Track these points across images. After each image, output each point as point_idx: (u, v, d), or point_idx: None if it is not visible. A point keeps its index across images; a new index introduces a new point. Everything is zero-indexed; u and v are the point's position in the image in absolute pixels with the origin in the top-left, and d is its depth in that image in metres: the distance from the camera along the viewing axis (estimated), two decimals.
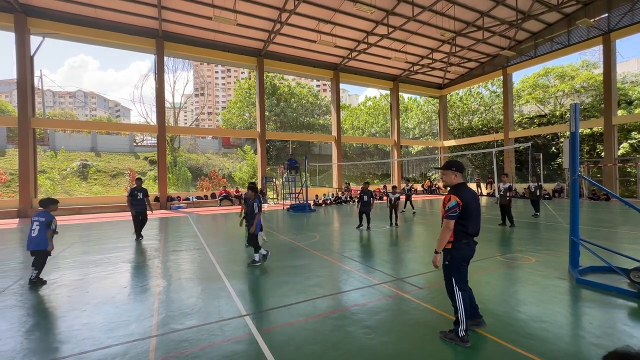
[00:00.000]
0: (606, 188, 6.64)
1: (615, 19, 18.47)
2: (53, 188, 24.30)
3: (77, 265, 6.25)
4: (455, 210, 2.95)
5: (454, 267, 3.06)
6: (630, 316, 3.54)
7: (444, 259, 3.11)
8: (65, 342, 3.17)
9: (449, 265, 3.08)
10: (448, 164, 3.20)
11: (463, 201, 2.97)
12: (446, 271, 3.12)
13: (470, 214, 3.03)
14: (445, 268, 3.12)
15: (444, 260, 3.11)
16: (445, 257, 3.10)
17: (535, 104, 30.07)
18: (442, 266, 3.13)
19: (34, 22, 15.86)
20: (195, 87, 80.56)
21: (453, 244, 3.05)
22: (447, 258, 3.08)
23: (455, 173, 3.16)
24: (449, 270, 3.10)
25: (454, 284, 3.06)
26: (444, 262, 3.11)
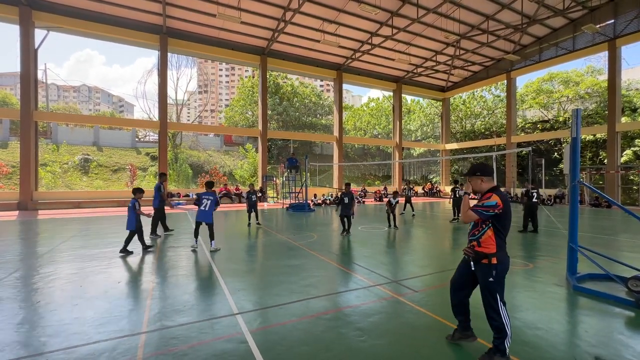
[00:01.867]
0: (607, 195, 6.58)
1: (621, 25, 18.37)
2: (54, 181, 24.38)
3: (73, 259, 6.24)
4: (490, 210, 2.64)
5: (500, 281, 2.70)
6: (627, 325, 3.49)
7: (487, 276, 2.69)
8: (54, 335, 3.14)
9: (494, 281, 2.67)
10: (472, 169, 2.88)
11: (504, 204, 2.66)
12: (490, 288, 2.70)
13: (508, 219, 2.74)
14: (489, 285, 2.70)
15: (486, 277, 2.70)
16: (488, 273, 2.69)
17: (538, 109, 29.96)
18: (484, 284, 2.73)
19: (39, 15, 15.91)
20: (198, 84, 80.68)
21: (498, 257, 2.67)
22: (492, 274, 2.67)
23: (481, 178, 2.82)
24: (494, 287, 2.69)
25: (499, 300, 2.69)
26: (488, 279, 2.69)
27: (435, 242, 8.31)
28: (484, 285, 2.73)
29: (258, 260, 6.37)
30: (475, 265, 2.78)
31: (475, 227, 2.80)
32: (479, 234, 2.75)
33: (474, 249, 2.79)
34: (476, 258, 2.77)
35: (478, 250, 2.76)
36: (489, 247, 2.70)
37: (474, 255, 2.79)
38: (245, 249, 7.32)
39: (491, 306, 2.72)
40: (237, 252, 6.96)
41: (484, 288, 2.74)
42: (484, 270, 2.71)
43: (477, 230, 2.77)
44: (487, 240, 2.72)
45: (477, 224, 2.78)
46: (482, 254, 2.73)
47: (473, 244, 2.80)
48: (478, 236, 2.76)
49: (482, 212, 2.67)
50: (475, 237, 2.78)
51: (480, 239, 2.75)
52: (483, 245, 2.73)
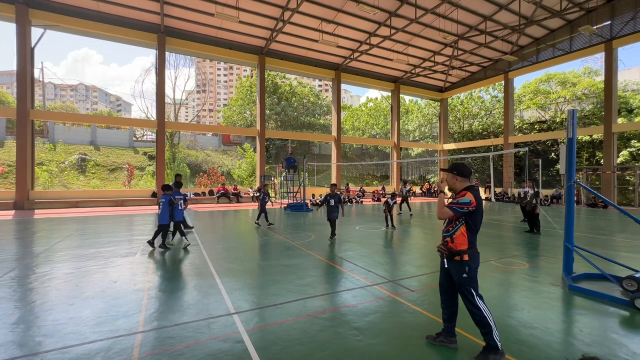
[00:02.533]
0: (603, 196, 6.60)
1: (617, 26, 18.48)
2: (51, 181, 24.25)
3: (69, 258, 6.21)
4: (464, 207, 2.74)
5: (474, 276, 2.80)
6: (621, 325, 3.51)
7: (461, 272, 2.79)
8: (49, 335, 3.13)
9: (467, 277, 2.78)
10: (450, 167, 2.98)
11: (477, 202, 2.76)
12: (466, 283, 2.80)
13: (480, 217, 2.85)
14: (463, 282, 2.80)
15: (460, 273, 2.80)
16: (461, 270, 2.79)
17: (536, 109, 30.09)
18: (459, 281, 2.82)
19: (35, 13, 15.82)
20: (196, 84, 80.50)
21: (470, 254, 2.79)
22: (465, 270, 2.77)
23: (457, 177, 2.91)
24: (468, 282, 2.79)
25: (475, 294, 2.79)
26: (462, 276, 2.79)
27: (432, 242, 8.33)
28: (459, 282, 2.83)
29: (255, 259, 6.37)
30: (449, 263, 2.86)
31: (450, 223, 2.89)
32: (452, 230, 2.84)
33: (447, 245, 2.87)
34: (449, 255, 2.85)
35: (451, 247, 2.84)
36: (461, 244, 2.79)
37: (447, 253, 2.87)
38: (242, 249, 7.31)
39: (469, 301, 2.80)
40: (234, 251, 6.95)
41: (459, 285, 2.84)
42: (457, 267, 2.80)
43: (451, 227, 2.86)
44: (459, 237, 2.81)
45: (451, 220, 2.87)
46: (454, 252, 2.81)
47: (446, 239, 2.89)
48: (452, 232, 2.85)
49: (457, 209, 2.76)
50: (449, 234, 2.87)
51: (453, 235, 2.84)
52: (456, 241, 2.81)
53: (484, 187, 26.24)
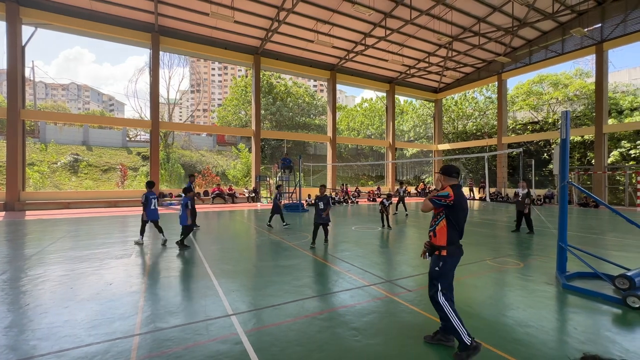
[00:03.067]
0: (595, 195, 6.72)
1: (608, 29, 18.81)
2: (42, 181, 23.88)
3: (62, 260, 6.12)
4: (442, 200, 2.86)
5: (445, 273, 2.89)
6: (614, 322, 3.58)
7: (435, 265, 2.91)
8: (44, 339, 3.09)
9: (439, 271, 2.89)
10: (441, 169, 3.15)
11: (455, 196, 2.86)
12: (434, 276, 2.92)
13: (460, 212, 2.92)
14: (433, 274, 2.93)
15: (434, 266, 2.92)
16: (435, 263, 2.92)
17: (528, 110, 30.46)
18: (430, 273, 2.95)
19: (26, 11, 15.57)
20: (191, 84, 79.93)
21: (448, 250, 2.87)
22: (439, 264, 2.89)
23: (443, 177, 3.07)
24: (437, 276, 2.90)
25: (439, 289, 2.88)
26: (434, 268, 2.92)
27: None
28: (430, 274, 2.96)
29: (251, 260, 6.35)
30: (430, 257, 3.03)
31: (433, 217, 3.04)
32: (434, 225, 2.98)
33: (430, 240, 3.03)
34: (431, 250, 3.00)
35: (433, 241, 2.98)
36: (441, 239, 2.91)
37: (429, 248, 3.02)
38: (239, 250, 7.28)
39: (432, 295, 2.93)
40: (230, 252, 6.92)
41: (430, 277, 2.97)
42: (434, 260, 2.95)
43: (434, 221, 3.00)
44: (440, 232, 2.93)
45: (435, 214, 3.01)
46: (435, 246, 2.95)
47: (430, 234, 3.02)
48: (434, 227, 2.98)
49: (435, 201, 2.90)
50: (432, 228, 3.01)
51: (435, 229, 2.96)
52: (437, 236, 2.93)
53: (478, 187, 26.48)
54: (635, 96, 24.83)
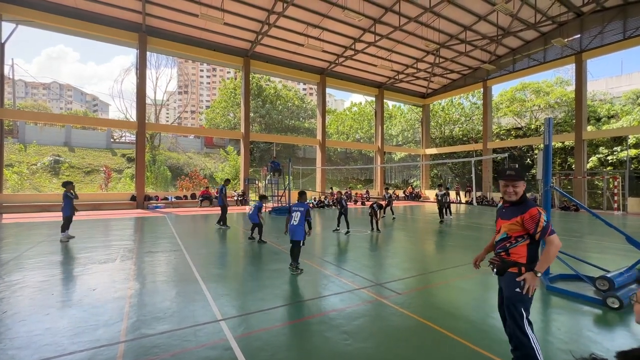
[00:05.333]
0: (576, 199, 6.96)
1: (587, 40, 19.61)
2: (21, 183, 23.01)
3: (42, 265, 5.90)
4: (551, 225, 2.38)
5: (528, 296, 2.36)
6: (595, 323, 3.70)
7: (513, 285, 2.36)
8: (24, 348, 2.96)
9: (521, 293, 2.33)
10: (520, 173, 2.49)
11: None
12: (516, 301, 2.36)
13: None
14: (513, 297, 2.37)
15: (512, 286, 2.36)
16: (514, 283, 2.36)
17: (512, 116, 31.35)
18: (508, 295, 2.40)
19: (7, 7, 15.07)
20: (179, 85, 78.81)
21: (528, 268, 2.38)
22: (519, 284, 2.34)
23: (521, 182, 2.48)
24: (519, 299, 2.35)
25: (524, 318, 2.35)
26: (512, 290, 2.36)
27: (417, 245, 8.49)
28: (507, 299, 2.43)
29: (241, 264, 6.27)
30: (501, 276, 2.50)
31: (507, 239, 2.49)
32: (508, 246, 2.48)
33: (501, 256, 2.52)
34: (502, 267, 2.47)
35: (506, 258, 2.47)
36: (520, 257, 2.42)
37: (499, 264, 2.50)
38: (227, 254, 7.19)
39: (516, 324, 2.37)
40: (219, 256, 6.82)
41: (507, 303, 2.43)
42: (510, 281, 2.40)
43: (507, 242, 2.49)
44: (519, 250, 2.44)
45: (510, 236, 2.46)
46: (510, 263, 2.44)
47: (501, 254, 2.52)
48: (508, 247, 2.48)
49: (554, 230, 2.39)
50: (502, 250, 2.51)
51: (509, 250, 2.47)
52: (514, 254, 2.44)
53: (464, 191, 26.99)
54: (612, 104, 25.93)
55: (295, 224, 5.57)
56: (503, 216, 2.55)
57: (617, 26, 18.41)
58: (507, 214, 2.51)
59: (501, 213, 2.60)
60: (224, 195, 10.94)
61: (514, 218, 2.42)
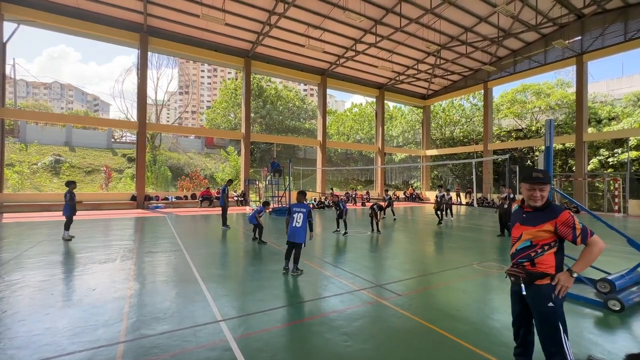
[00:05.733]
0: (576, 201, 6.93)
1: (587, 42, 19.61)
2: (21, 183, 23.03)
3: (42, 265, 5.90)
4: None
5: (560, 307, 2.17)
6: (596, 325, 3.69)
7: (545, 300, 2.16)
8: (23, 347, 2.96)
9: (555, 307, 2.14)
10: (548, 176, 2.30)
11: None
12: (551, 315, 2.15)
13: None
14: (548, 312, 2.15)
15: (543, 301, 2.16)
16: (545, 296, 2.16)
17: (513, 118, 31.34)
18: (541, 311, 2.19)
19: (8, 7, 15.10)
20: (179, 85, 78.90)
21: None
22: (552, 298, 2.14)
23: (547, 186, 2.28)
24: (553, 313, 2.14)
25: (562, 332, 2.14)
26: (545, 305, 2.15)
27: (417, 246, 8.48)
28: (539, 314, 2.21)
29: (241, 265, 6.27)
30: (527, 289, 2.25)
31: (531, 247, 2.27)
32: (533, 256, 2.25)
33: (525, 268, 2.27)
34: (528, 279, 2.24)
35: (531, 269, 2.24)
36: (546, 266, 2.21)
37: (524, 276, 2.25)
38: (228, 254, 7.18)
39: (555, 341, 2.15)
40: (219, 257, 6.82)
41: (539, 319, 2.21)
42: (540, 294, 2.19)
43: (532, 252, 2.26)
44: (545, 259, 2.22)
45: (536, 244, 2.25)
46: (537, 274, 2.21)
47: (525, 264, 2.29)
48: (533, 257, 2.25)
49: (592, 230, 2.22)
50: (527, 259, 2.27)
51: (534, 260, 2.25)
52: (539, 264, 2.22)
53: (465, 192, 26.98)
54: (613, 106, 25.92)
55: (299, 226, 5.45)
56: (525, 222, 2.30)
57: (618, 28, 18.41)
58: (531, 219, 2.28)
59: (521, 218, 2.35)
60: (225, 195, 10.97)
61: (542, 224, 2.20)
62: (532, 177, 2.28)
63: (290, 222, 5.53)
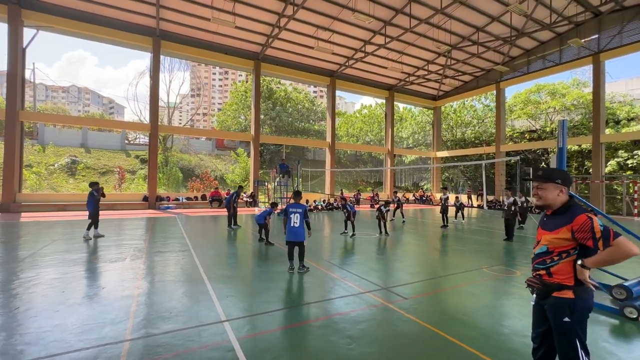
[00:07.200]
0: (592, 205, 6.71)
1: (605, 40, 19.04)
2: (39, 183, 23.76)
3: (56, 263, 6.05)
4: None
5: (580, 323, 2.00)
6: (612, 333, 3.54)
7: (560, 315, 2.00)
8: (33, 344, 3.03)
9: (570, 323, 1.98)
10: (549, 174, 2.15)
11: None
12: (567, 330, 1.99)
13: None
14: (564, 327, 1.99)
15: (559, 316, 2.01)
16: (562, 310, 2.00)
17: (526, 119, 30.66)
18: (557, 325, 2.02)
19: (28, 14, 15.66)
20: (191, 88, 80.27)
21: (577, 291, 1.99)
22: (567, 312, 1.98)
23: (560, 188, 2.09)
24: (570, 329, 1.98)
25: (579, 349, 1.98)
26: (561, 319, 2.00)
27: (425, 249, 8.36)
28: (557, 327, 2.05)
29: (247, 265, 6.29)
30: (543, 300, 2.13)
31: (547, 254, 2.09)
32: (550, 263, 2.08)
33: (541, 278, 2.13)
34: (544, 292, 2.10)
35: (547, 280, 2.09)
36: (565, 277, 2.03)
37: (540, 287, 2.11)
38: (234, 255, 7.22)
39: (567, 357, 2.02)
40: (226, 257, 6.86)
41: (558, 334, 2.05)
42: (556, 308, 2.03)
43: (548, 258, 2.09)
44: (562, 269, 2.04)
45: (552, 250, 2.07)
46: (554, 286, 2.05)
47: (541, 272, 2.13)
48: (549, 265, 2.09)
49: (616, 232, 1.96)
50: (544, 266, 2.11)
51: (550, 269, 2.08)
52: (556, 274, 2.05)
53: (476, 194, 26.50)
54: (632, 106, 25.04)
55: (297, 226, 5.58)
56: (544, 226, 2.17)
57: (637, 26, 17.80)
58: (549, 223, 2.13)
59: (542, 222, 2.22)
60: (232, 199, 11.18)
61: (558, 229, 2.03)
62: (536, 175, 2.22)
63: (288, 223, 5.62)
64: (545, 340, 2.18)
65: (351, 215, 9.86)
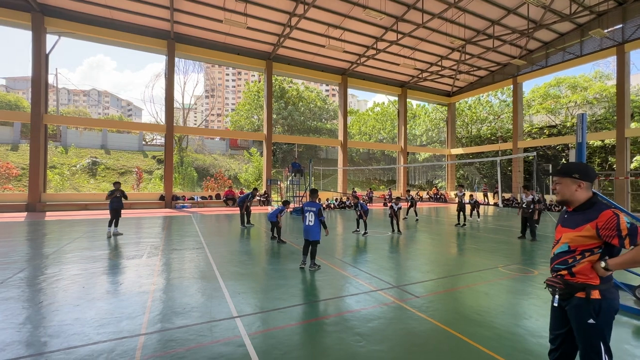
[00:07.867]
0: (616, 202, 6.42)
1: (629, 29, 18.17)
2: (62, 184, 24.75)
3: (77, 260, 6.30)
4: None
5: (606, 324, 1.91)
6: (634, 335, 3.40)
7: (585, 316, 1.90)
8: (55, 336, 3.17)
9: (595, 325, 1.89)
10: (566, 168, 2.06)
11: None
12: (592, 332, 1.90)
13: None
14: (588, 329, 1.90)
15: (584, 317, 1.91)
16: (587, 312, 1.90)
17: (545, 114, 29.65)
18: (581, 327, 1.93)
19: (51, 21, 16.30)
20: (205, 89, 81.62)
21: (602, 291, 1.89)
22: (592, 314, 1.89)
23: (579, 182, 2.00)
24: (595, 331, 1.89)
25: (603, 352, 1.90)
26: (586, 321, 1.90)
27: (439, 248, 8.23)
28: (579, 329, 1.95)
29: (260, 263, 6.37)
30: (565, 302, 2.01)
31: (569, 253, 1.99)
32: (572, 262, 1.97)
33: (563, 278, 2.01)
34: (567, 292, 1.98)
35: (570, 279, 1.98)
36: (589, 276, 1.92)
37: (563, 287, 1.99)
38: (247, 252, 7.32)
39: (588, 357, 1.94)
40: (238, 255, 6.96)
41: (581, 336, 1.95)
42: (579, 309, 1.93)
43: (570, 257, 1.98)
44: (585, 268, 1.94)
45: (574, 249, 1.97)
46: (577, 286, 1.95)
47: (562, 273, 2.02)
48: (570, 265, 1.98)
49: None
50: (565, 266, 2.00)
51: (572, 269, 1.97)
52: (579, 274, 1.95)
53: (492, 192, 25.86)
54: None
55: (312, 224, 5.70)
56: (565, 223, 2.05)
57: None
58: (570, 220, 2.02)
59: (562, 219, 2.10)
60: (247, 200, 11.55)
61: (581, 226, 1.93)
62: (554, 170, 2.17)
63: (304, 221, 5.80)
64: (564, 343, 2.09)
65: (363, 214, 9.81)
